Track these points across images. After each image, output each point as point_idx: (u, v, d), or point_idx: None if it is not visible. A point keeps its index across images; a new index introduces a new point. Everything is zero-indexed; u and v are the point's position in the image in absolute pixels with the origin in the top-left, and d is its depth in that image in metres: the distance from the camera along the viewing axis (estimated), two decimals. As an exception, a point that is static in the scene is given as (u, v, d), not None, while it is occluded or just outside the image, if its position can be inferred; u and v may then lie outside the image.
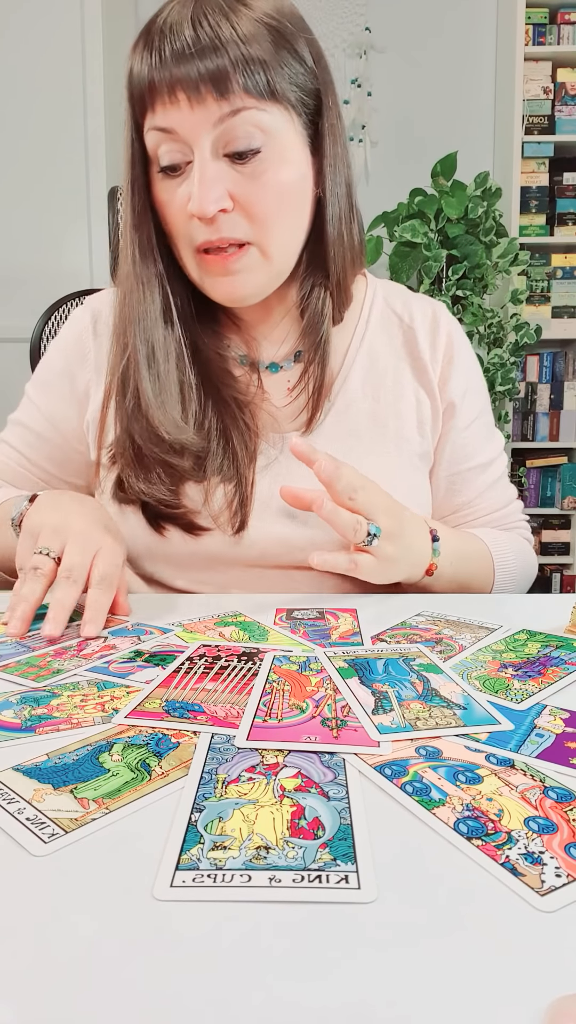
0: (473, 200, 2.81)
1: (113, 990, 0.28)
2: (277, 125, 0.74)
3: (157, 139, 0.74)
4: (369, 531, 0.70)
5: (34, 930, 0.32)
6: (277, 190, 0.75)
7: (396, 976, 0.29)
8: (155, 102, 0.72)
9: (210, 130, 0.72)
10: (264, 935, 0.31)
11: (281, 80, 0.73)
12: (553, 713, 0.50)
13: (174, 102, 0.71)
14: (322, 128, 0.79)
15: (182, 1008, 0.28)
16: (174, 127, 0.72)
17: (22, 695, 0.53)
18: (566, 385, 3.45)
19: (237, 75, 0.70)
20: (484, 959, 0.30)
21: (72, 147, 2.97)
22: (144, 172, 0.78)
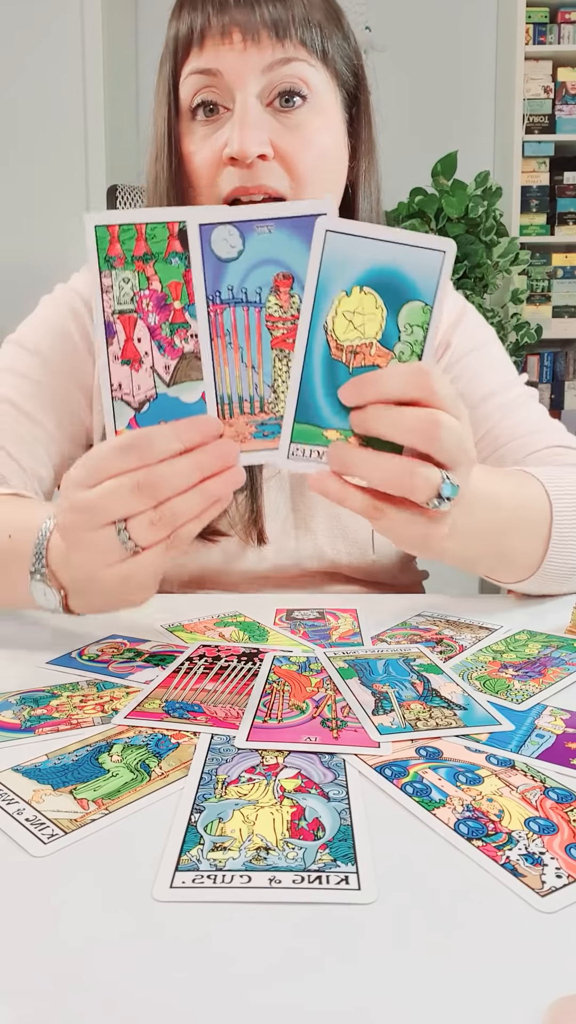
0: (473, 200, 2.81)
1: (113, 990, 0.28)
2: (323, 86, 0.73)
3: (196, 83, 0.71)
4: (440, 492, 0.49)
5: (34, 930, 0.32)
6: (318, 148, 0.73)
7: (396, 977, 0.29)
8: (205, 43, 0.70)
9: (259, 75, 0.70)
10: (264, 936, 0.31)
11: (332, 47, 0.73)
12: (554, 714, 0.50)
13: (227, 42, 0.69)
14: (359, 113, 0.78)
15: (182, 1009, 0.28)
16: (220, 68, 0.70)
17: (22, 695, 0.53)
18: (566, 385, 3.45)
19: (296, 26, 0.70)
20: (484, 960, 0.30)
21: (72, 145, 2.97)
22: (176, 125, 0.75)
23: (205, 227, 0.45)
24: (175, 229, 0.46)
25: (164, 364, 0.49)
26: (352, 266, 0.46)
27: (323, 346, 0.47)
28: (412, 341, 0.48)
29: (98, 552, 0.51)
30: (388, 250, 0.46)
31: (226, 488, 0.50)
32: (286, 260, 0.46)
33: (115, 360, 0.49)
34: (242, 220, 0.45)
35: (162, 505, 0.49)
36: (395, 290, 0.47)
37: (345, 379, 0.48)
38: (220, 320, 0.47)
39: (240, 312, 0.47)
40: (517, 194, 3.24)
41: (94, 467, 0.50)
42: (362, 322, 0.47)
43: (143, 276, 0.47)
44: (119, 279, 0.47)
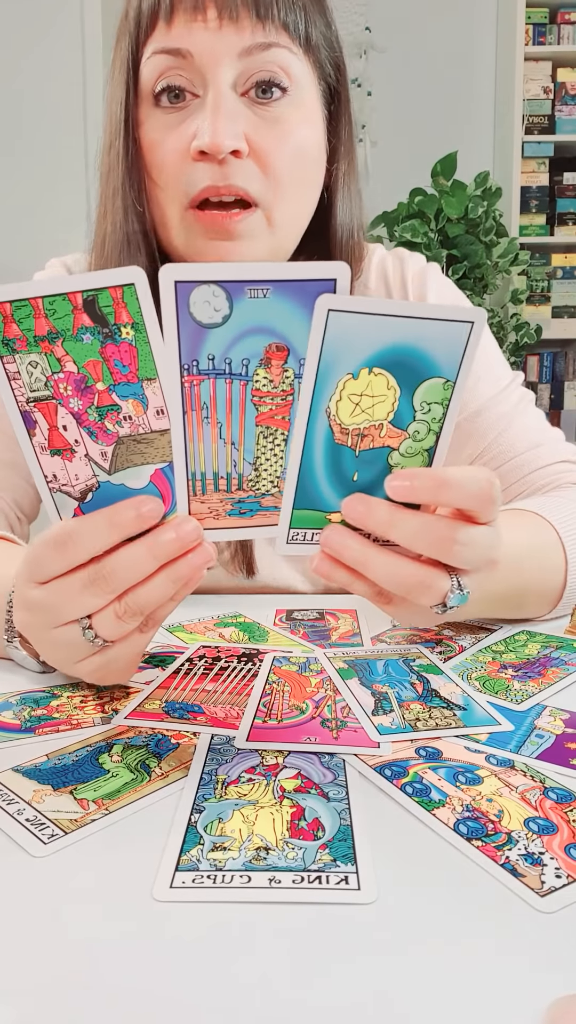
0: (473, 200, 2.81)
1: (113, 990, 0.28)
2: (303, 78, 0.66)
3: (160, 64, 0.63)
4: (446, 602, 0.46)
5: (34, 930, 0.32)
6: (296, 146, 0.65)
7: (396, 977, 0.29)
8: (174, 18, 0.62)
9: (234, 60, 0.62)
10: (264, 936, 0.31)
11: (315, 34, 0.66)
12: (553, 714, 0.50)
13: (200, 18, 0.61)
14: (339, 109, 0.72)
15: (182, 1009, 0.28)
16: (191, 49, 0.62)
17: (22, 696, 0.53)
18: (566, 385, 3.45)
19: (280, 6, 0.62)
20: (484, 959, 0.30)
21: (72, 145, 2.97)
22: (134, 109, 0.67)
23: (183, 285, 0.38)
24: (78, 300, 0.39)
25: (100, 451, 0.42)
26: (360, 347, 0.40)
27: (325, 431, 0.42)
28: (430, 419, 0.43)
29: (63, 649, 0.46)
30: (404, 327, 0.40)
31: (194, 571, 0.44)
32: (281, 330, 0.40)
33: (43, 452, 0.43)
34: (232, 280, 0.38)
35: (125, 597, 0.43)
36: (411, 369, 0.41)
37: (351, 463, 0.43)
38: (196, 392, 0.41)
39: (221, 385, 0.41)
40: (517, 194, 3.24)
41: (36, 564, 0.44)
42: (371, 404, 0.42)
43: (52, 358, 0.40)
44: (25, 363, 0.40)
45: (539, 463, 0.77)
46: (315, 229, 0.73)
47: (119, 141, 0.67)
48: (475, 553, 0.45)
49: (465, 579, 0.46)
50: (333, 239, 0.73)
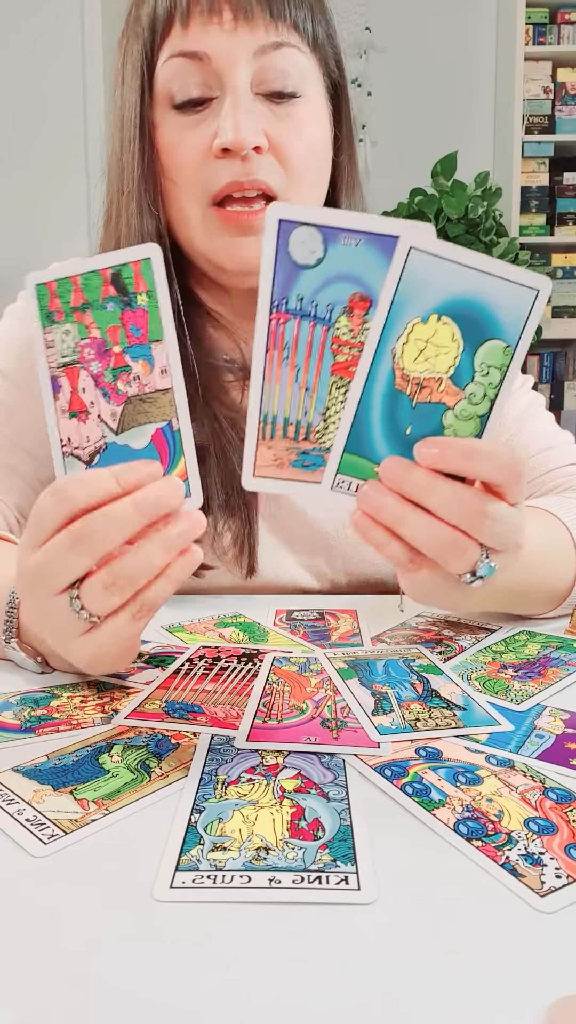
0: (473, 200, 2.82)
1: (113, 990, 0.28)
2: (312, 75, 0.69)
3: (177, 69, 0.65)
4: (476, 569, 0.47)
5: (34, 930, 0.32)
6: (310, 142, 0.68)
7: (396, 977, 0.29)
8: (190, 21, 0.64)
9: (250, 60, 0.65)
10: (264, 936, 0.31)
11: (320, 30, 0.69)
12: (553, 714, 0.50)
13: (216, 20, 0.63)
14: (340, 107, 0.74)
15: (182, 1009, 0.28)
16: (208, 52, 0.64)
17: (22, 696, 0.53)
18: (566, 385, 3.45)
19: (291, 6, 0.65)
20: (484, 959, 0.30)
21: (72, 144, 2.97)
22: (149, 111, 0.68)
23: (286, 224, 0.41)
24: (108, 275, 0.44)
25: (110, 411, 0.46)
26: (433, 291, 0.41)
27: (388, 374, 0.43)
28: (487, 384, 0.43)
29: (57, 623, 0.46)
30: (476, 279, 0.41)
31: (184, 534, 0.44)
32: (368, 281, 0.42)
33: (63, 414, 0.46)
34: (329, 226, 0.41)
35: (113, 564, 0.44)
36: (477, 325, 0.42)
37: (407, 413, 0.43)
38: (281, 331, 0.42)
39: (305, 327, 0.42)
40: (517, 194, 3.24)
41: (38, 521, 0.45)
42: (435, 353, 0.42)
43: (82, 326, 0.45)
44: (60, 332, 0.45)
45: (550, 466, 0.79)
46: None
47: (135, 145, 0.68)
48: (503, 530, 0.46)
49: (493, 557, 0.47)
50: None
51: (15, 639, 0.56)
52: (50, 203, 2.98)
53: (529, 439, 0.80)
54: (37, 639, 0.55)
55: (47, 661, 0.56)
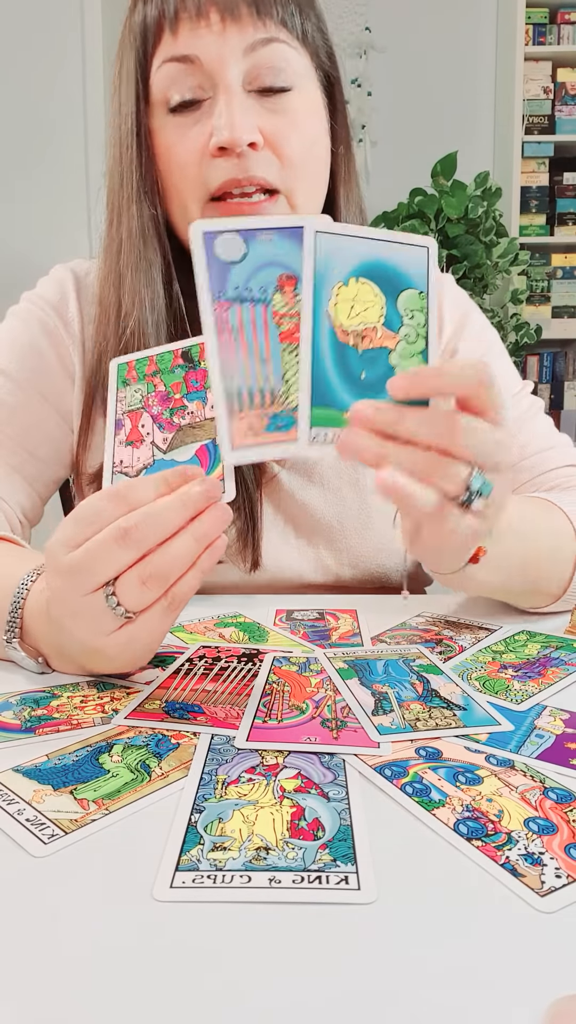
0: (473, 200, 2.81)
1: (113, 990, 0.29)
2: (303, 69, 0.69)
3: (170, 74, 0.67)
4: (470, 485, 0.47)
5: (34, 930, 0.32)
6: (307, 135, 0.69)
7: (396, 977, 0.29)
8: (179, 26, 0.65)
9: (240, 58, 0.66)
10: (264, 936, 0.31)
11: (310, 27, 0.70)
12: (553, 714, 0.50)
13: (204, 23, 0.65)
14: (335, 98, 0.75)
15: (182, 1009, 0.28)
16: (199, 54, 0.65)
17: (22, 696, 0.53)
18: (566, 385, 3.45)
19: (277, 4, 0.66)
20: (484, 959, 0.30)
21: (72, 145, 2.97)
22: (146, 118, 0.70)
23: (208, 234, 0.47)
24: (179, 353, 0.55)
25: (163, 438, 0.53)
26: (345, 261, 0.48)
27: (329, 332, 0.48)
28: (416, 325, 0.50)
29: (90, 620, 0.47)
30: (376, 247, 0.49)
31: (215, 525, 0.47)
32: (288, 263, 0.48)
33: (120, 444, 0.54)
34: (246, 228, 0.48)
35: (149, 556, 0.46)
36: (389, 280, 0.49)
37: (356, 361, 0.49)
38: (226, 316, 0.48)
39: (247, 309, 0.48)
40: (517, 194, 3.24)
41: (83, 521, 0.47)
42: (363, 308, 0.49)
43: (151, 385, 0.55)
44: (131, 390, 0.55)
45: (548, 466, 0.80)
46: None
47: (131, 151, 0.70)
48: (481, 440, 0.47)
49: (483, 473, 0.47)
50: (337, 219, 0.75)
51: (17, 639, 0.56)
52: (50, 204, 2.98)
53: (528, 440, 0.81)
54: (43, 641, 0.55)
55: (48, 661, 0.57)
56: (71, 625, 0.49)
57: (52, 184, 2.99)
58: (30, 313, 0.80)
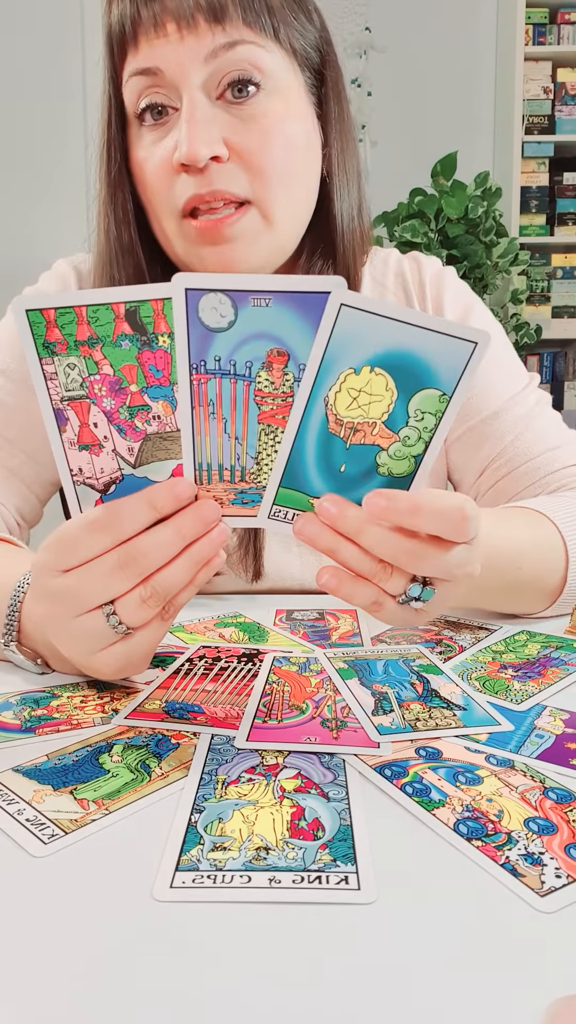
0: (473, 200, 2.81)
1: (113, 990, 0.28)
2: (278, 70, 0.65)
3: (138, 85, 0.65)
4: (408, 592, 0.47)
5: (34, 930, 0.32)
6: (281, 138, 0.65)
7: (396, 977, 0.29)
8: (138, 38, 0.63)
9: (201, 65, 0.63)
10: (264, 936, 0.31)
11: (284, 24, 0.65)
12: (553, 714, 0.50)
13: (161, 34, 0.62)
14: (327, 94, 0.71)
15: (182, 1009, 0.28)
16: (159, 66, 0.63)
17: (22, 696, 0.53)
18: (566, 385, 3.45)
19: (237, 5, 0.62)
20: (484, 959, 0.30)
21: (72, 146, 2.97)
22: (121, 133, 0.68)
23: (193, 292, 0.41)
24: (121, 310, 0.43)
25: (127, 447, 0.46)
26: (365, 345, 0.42)
27: (321, 420, 0.44)
28: (422, 428, 0.44)
29: (85, 639, 0.47)
30: (408, 334, 0.41)
31: (213, 549, 0.46)
32: (282, 336, 0.43)
33: (71, 446, 0.46)
34: (236, 290, 0.42)
35: (150, 580, 0.45)
36: (410, 375, 0.43)
37: (340, 453, 0.45)
38: (204, 390, 0.44)
39: (227, 384, 0.44)
40: (517, 194, 3.24)
41: (67, 549, 0.45)
42: (368, 401, 0.43)
43: (91, 361, 0.44)
44: (63, 365, 0.44)
45: (556, 465, 0.78)
46: (316, 220, 0.73)
47: (103, 165, 0.69)
48: (438, 568, 0.46)
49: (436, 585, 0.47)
50: (334, 225, 0.73)
51: (15, 642, 0.56)
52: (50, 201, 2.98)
53: (535, 438, 0.79)
54: (42, 643, 0.55)
55: (47, 662, 0.56)
56: (63, 646, 0.49)
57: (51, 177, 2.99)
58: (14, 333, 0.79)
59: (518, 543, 0.65)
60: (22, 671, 0.57)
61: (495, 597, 0.67)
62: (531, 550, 0.66)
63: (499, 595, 0.66)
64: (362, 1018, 0.27)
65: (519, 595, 0.67)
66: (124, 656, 0.48)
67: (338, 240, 0.74)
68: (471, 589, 0.55)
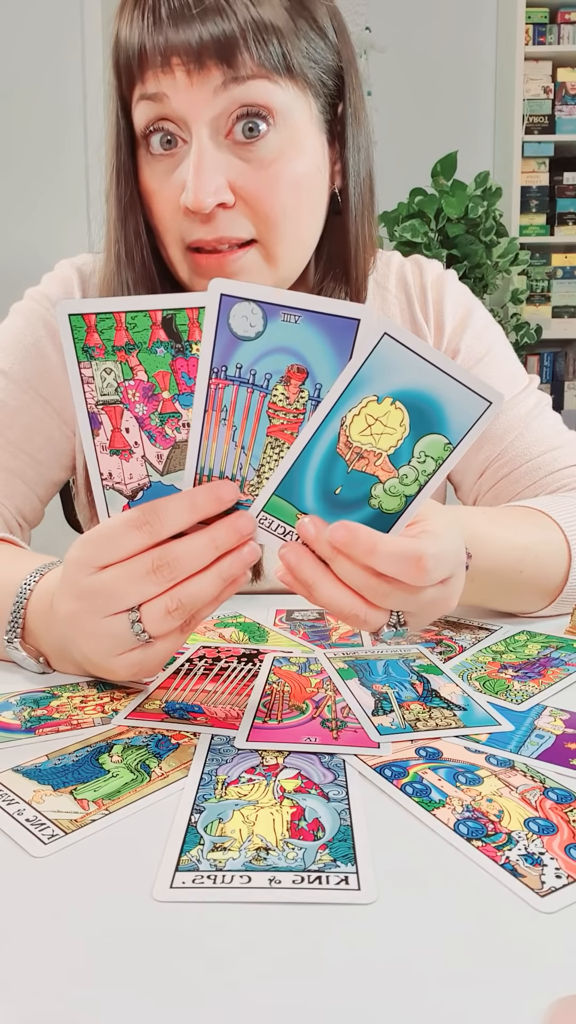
0: (473, 200, 2.81)
1: (113, 990, 0.28)
2: (290, 105, 0.63)
3: (148, 111, 0.63)
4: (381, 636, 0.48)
5: (34, 931, 0.32)
6: (290, 182, 0.64)
7: (396, 977, 0.29)
8: (145, 72, 0.61)
9: (210, 102, 0.61)
10: (264, 936, 0.31)
11: (298, 53, 0.62)
12: (553, 714, 0.50)
13: (168, 72, 0.60)
14: (344, 113, 0.69)
15: (182, 1009, 0.28)
16: (168, 94, 0.61)
17: (22, 696, 0.53)
18: (566, 385, 3.45)
19: (247, 43, 0.59)
20: (484, 960, 0.30)
21: (72, 147, 2.97)
22: (131, 156, 0.67)
23: (227, 298, 0.43)
24: (158, 318, 0.44)
25: (156, 454, 0.47)
26: (393, 377, 0.43)
27: (333, 437, 0.45)
28: (421, 470, 0.45)
29: (108, 641, 0.47)
30: (438, 379, 0.43)
31: (243, 568, 0.47)
32: (304, 354, 0.44)
33: (103, 450, 0.47)
34: (269, 302, 0.43)
35: (177, 588, 0.46)
36: (426, 418, 0.44)
37: (339, 476, 0.46)
38: (219, 395, 0.45)
39: (243, 392, 0.45)
40: (517, 194, 3.24)
41: (105, 546, 0.46)
42: (381, 431, 0.45)
43: (126, 366, 0.45)
44: (100, 370, 0.46)
45: (556, 466, 0.78)
46: (327, 229, 0.73)
47: (113, 191, 0.68)
48: (405, 606, 0.46)
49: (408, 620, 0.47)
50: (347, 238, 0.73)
51: (19, 639, 0.56)
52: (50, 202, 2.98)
53: (535, 438, 0.80)
54: (46, 642, 0.55)
55: (48, 662, 0.57)
56: (84, 645, 0.49)
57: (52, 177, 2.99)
58: (34, 312, 0.79)
59: (521, 546, 0.65)
60: (22, 671, 0.57)
61: (496, 598, 0.68)
62: (534, 552, 0.66)
63: (500, 596, 0.68)
64: (362, 1018, 0.27)
65: (520, 595, 0.68)
66: (139, 663, 0.48)
67: (350, 253, 0.74)
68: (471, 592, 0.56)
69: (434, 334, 0.83)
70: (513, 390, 0.81)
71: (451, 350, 0.83)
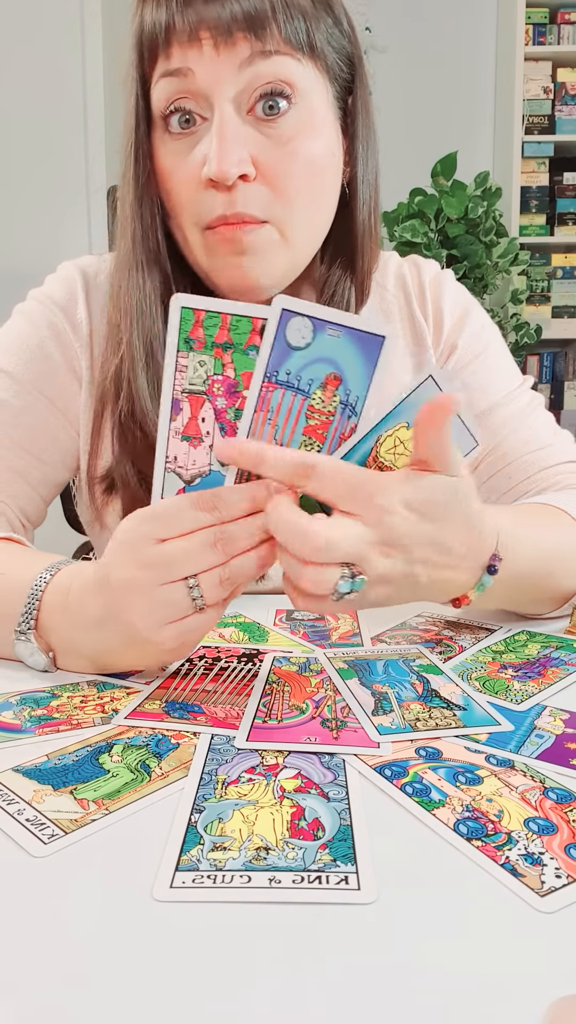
0: (473, 200, 2.81)
1: (113, 990, 0.29)
2: (310, 86, 0.65)
3: (168, 88, 0.64)
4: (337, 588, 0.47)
5: (34, 931, 0.32)
6: (307, 161, 0.66)
7: (396, 977, 0.29)
8: (171, 46, 0.63)
9: (235, 76, 0.62)
10: (264, 936, 0.31)
11: (319, 35, 0.65)
12: (553, 714, 0.50)
13: (195, 45, 0.62)
14: (355, 105, 0.71)
15: (182, 1009, 0.28)
16: (192, 68, 0.63)
17: (22, 696, 0.53)
18: (566, 385, 3.45)
19: (276, 17, 0.61)
20: (484, 959, 0.30)
21: (72, 146, 2.97)
22: (148, 137, 0.68)
23: (287, 313, 0.49)
24: (259, 325, 0.49)
25: None
26: None
27: (366, 451, 0.52)
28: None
29: (164, 607, 0.50)
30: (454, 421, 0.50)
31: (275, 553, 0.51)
32: (340, 364, 0.50)
33: (175, 435, 0.51)
34: (320, 318, 0.49)
35: (231, 563, 0.50)
36: None
37: None
38: (269, 396, 0.50)
39: (288, 395, 0.50)
40: (517, 194, 3.24)
41: (172, 521, 0.50)
42: (403, 452, 0.52)
43: (219, 362, 0.50)
44: (195, 361, 0.50)
45: (548, 462, 0.79)
46: (334, 225, 0.74)
47: (131, 171, 0.69)
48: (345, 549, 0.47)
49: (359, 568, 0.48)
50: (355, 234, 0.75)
51: (32, 631, 0.56)
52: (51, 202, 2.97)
53: (528, 435, 0.81)
54: (55, 637, 0.56)
55: (55, 658, 0.57)
56: (136, 612, 0.51)
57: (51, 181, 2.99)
58: (38, 313, 0.79)
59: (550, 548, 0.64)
60: (23, 671, 0.57)
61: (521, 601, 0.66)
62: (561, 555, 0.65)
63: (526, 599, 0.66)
64: (362, 1018, 0.27)
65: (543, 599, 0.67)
66: (187, 632, 0.51)
67: (357, 244, 0.75)
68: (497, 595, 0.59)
69: (433, 331, 0.84)
70: (507, 389, 0.82)
71: (449, 346, 0.84)
